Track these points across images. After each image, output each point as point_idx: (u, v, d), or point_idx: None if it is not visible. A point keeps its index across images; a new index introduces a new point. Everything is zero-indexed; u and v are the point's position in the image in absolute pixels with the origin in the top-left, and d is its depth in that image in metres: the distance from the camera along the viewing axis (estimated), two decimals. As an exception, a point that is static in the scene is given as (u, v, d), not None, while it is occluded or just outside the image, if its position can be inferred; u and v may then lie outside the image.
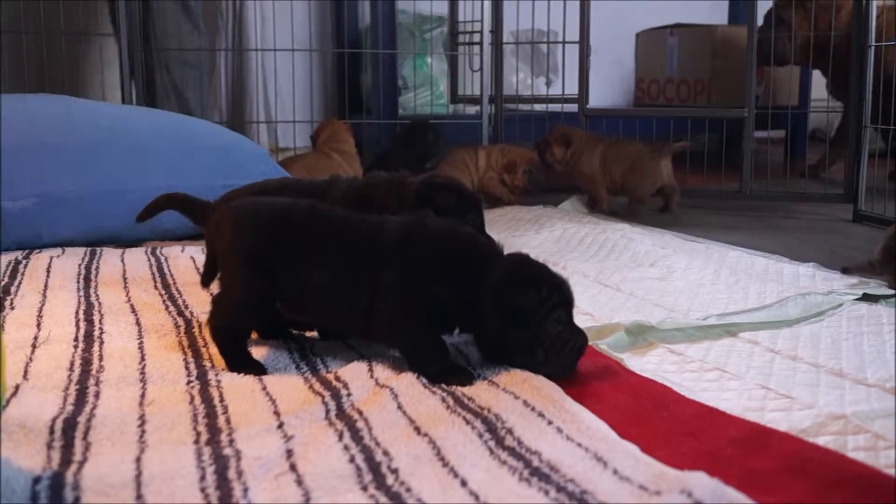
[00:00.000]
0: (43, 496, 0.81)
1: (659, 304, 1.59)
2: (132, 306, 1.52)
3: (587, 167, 2.82)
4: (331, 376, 1.16)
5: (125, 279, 1.73)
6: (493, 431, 0.96)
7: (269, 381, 1.14)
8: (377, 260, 1.17)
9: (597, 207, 2.80)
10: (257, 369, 1.18)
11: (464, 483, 0.85)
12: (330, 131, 2.99)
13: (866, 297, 1.63)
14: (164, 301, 1.57)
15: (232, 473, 0.86)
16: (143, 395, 1.08)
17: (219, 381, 1.14)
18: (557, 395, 1.06)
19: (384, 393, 1.08)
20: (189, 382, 1.13)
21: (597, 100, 3.30)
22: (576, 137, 2.89)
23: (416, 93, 4.02)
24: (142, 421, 1.00)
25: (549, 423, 0.98)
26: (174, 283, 1.70)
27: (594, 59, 3.20)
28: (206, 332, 1.34)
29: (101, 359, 1.23)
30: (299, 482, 0.85)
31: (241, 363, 1.19)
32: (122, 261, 1.88)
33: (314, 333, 1.34)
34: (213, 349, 1.25)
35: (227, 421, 1.01)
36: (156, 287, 1.68)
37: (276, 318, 1.30)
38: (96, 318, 1.44)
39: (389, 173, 1.59)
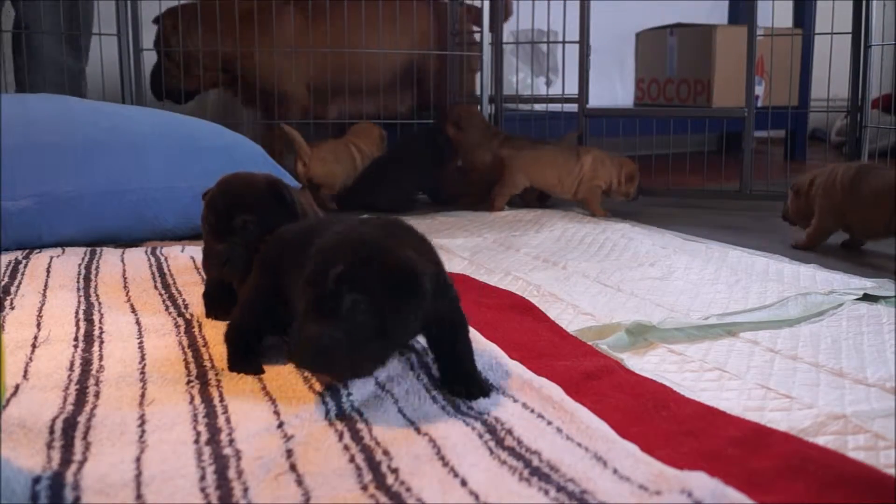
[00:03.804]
0: (43, 496, 0.81)
1: (659, 304, 1.59)
2: (132, 306, 1.52)
3: (479, 162, 2.91)
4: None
5: (125, 279, 1.73)
6: (493, 432, 0.96)
7: (268, 381, 1.14)
8: None
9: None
10: (256, 370, 1.18)
11: (464, 483, 0.85)
12: (360, 129, 3.02)
13: (867, 297, 1.64)
14: (164, 301, 1.57)
15: (232, 473, 0.86)
16: (143, 395, 1.08)
17: (219, 381, 1.14)
18: (557, 394, 1.06)
19: (384, 394, 1.08)
20: (189, 382, 1.13)
21: (597, 100, 3.29)
22: (471, 122, 2.94)
23: (415, 93, 4.02)
24: (142, 421, 1.00)
25: (549, 423, 0.98)
26: (174, 283, 1.70)
27: (594, 58, 3.20)
28: (206, 332, 1.35)
29: (101, 359, 1.23)
30: (299, 482, 0.85)
31: (241, 363, 1.19)
32: (122, 260, 1.88)
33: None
34: (213, 349, 1.25)
35: (227, 421, 1.00)
36: (156, 287, 1.68)
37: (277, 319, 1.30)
38: (96, 317, 1.44)
39: None
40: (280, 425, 0.99)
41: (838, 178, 2.13)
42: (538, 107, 3.45)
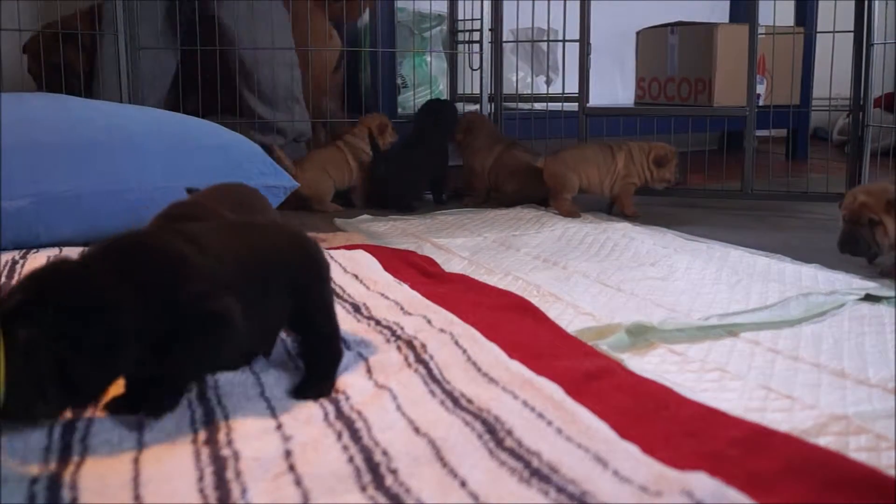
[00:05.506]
0: (40, 497, 0.80)
1: (660, 305, 1.59)
2: (131, 306, 1.52)
3: (479, 165, 2.93)
4: (330, 376, 1.15)
5: (124, 278, 1.72)
6: (493, 432, 0.96)
7: (267, 380, 1.14)
8: None
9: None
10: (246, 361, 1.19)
11: (463, 484, 0.84)
12: (355, 127, 2.98)
13: (869, 298, 1.63)
14: (162, 300, 1.56)
15: (230, 474, 0.86)
16: (141, 395, 1.08)
17: (217, 382, 1.13)
18: (558, 395, 1.05)
19: (383, 394, 1.08)
20: (187, 382, 1.13)
21: (597, 98, 3.29)
22: (476, 128, 2.97)
23: (415, 91, 4.01)
24: (140, 422, 0.99)
25: (549, 423, 0.97)
26: (173, 283, 1.70)
27: (594, 57, 3.19)
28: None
29: (99, 358, 1.22)
30: (298, 483, 0.85)
31: None
32: (121, 260, 1.88)
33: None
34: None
35: (226, 421, 1.00)
36: (155, 286, 1.67)
37: None
38: (95, 317, 1.43)
39: None
40: (279, 426, 0.99)
41: None
42: (538, 106, 3.45)
